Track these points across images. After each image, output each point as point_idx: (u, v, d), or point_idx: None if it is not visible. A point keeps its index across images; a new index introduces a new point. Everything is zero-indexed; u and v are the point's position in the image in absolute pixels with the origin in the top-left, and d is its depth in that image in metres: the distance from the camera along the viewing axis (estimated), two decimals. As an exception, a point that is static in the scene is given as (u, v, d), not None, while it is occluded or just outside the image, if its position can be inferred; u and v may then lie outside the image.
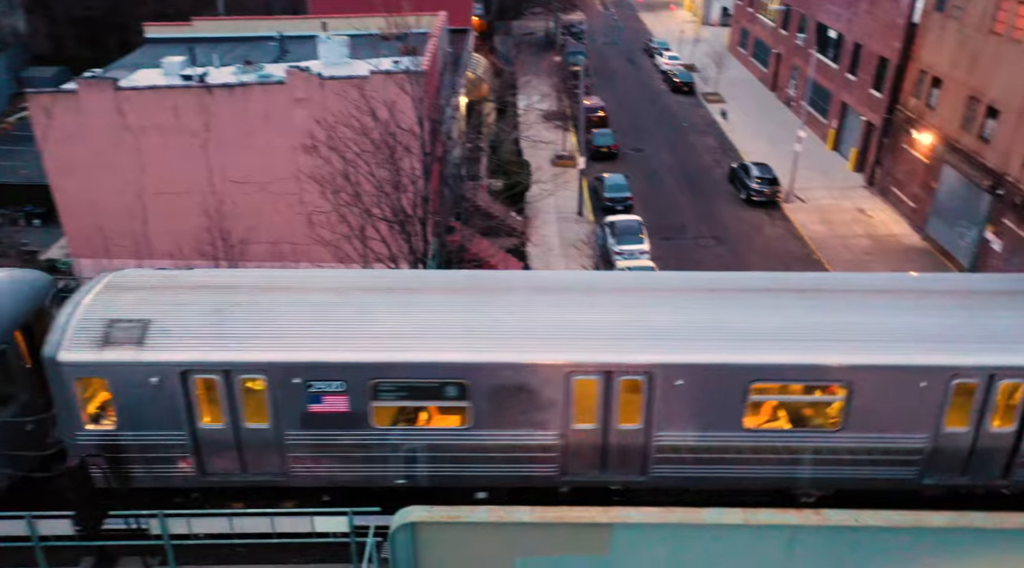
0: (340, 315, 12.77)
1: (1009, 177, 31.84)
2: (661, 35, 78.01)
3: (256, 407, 12.51)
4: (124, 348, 12.05)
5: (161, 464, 12.83)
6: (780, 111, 56.53)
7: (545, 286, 14.21)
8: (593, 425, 12.80)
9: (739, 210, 41.77)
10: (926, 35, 38.57)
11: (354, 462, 12.86)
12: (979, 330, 12.96)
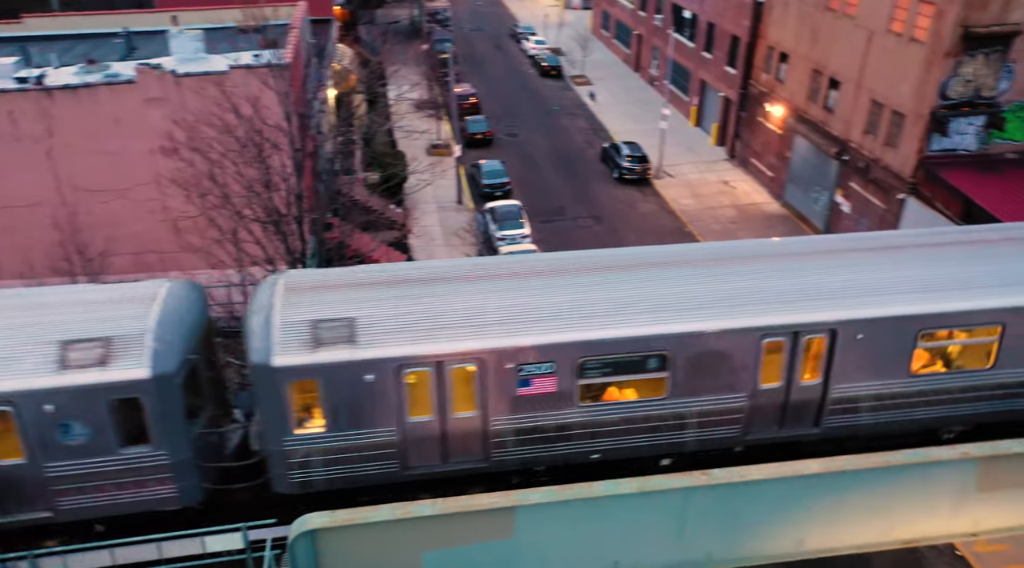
0: (541, 299, 12.78)
1: (852, 143, 34.38)
2: (526, 20, 78.78)
3: (464, 396, 12.56)
4: (337, 348, 11.83)
5: (366, 462, 12.65)
6: (645, 91, 58.48)
7: (724, 255, 14.49)
8: (777, 384, 13.51)
9: (613, 189, 43.01)
10: (771, 13, 40.90)
11: (556, 441, 13.07)
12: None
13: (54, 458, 11.54)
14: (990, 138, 29.73)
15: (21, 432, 11.38)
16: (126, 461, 11.75)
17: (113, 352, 11.47)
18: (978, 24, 27.58)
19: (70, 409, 11.31)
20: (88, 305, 12.41)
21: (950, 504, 13.26)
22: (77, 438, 11.56)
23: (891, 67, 31.32)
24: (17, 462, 11.53)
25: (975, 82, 28.68)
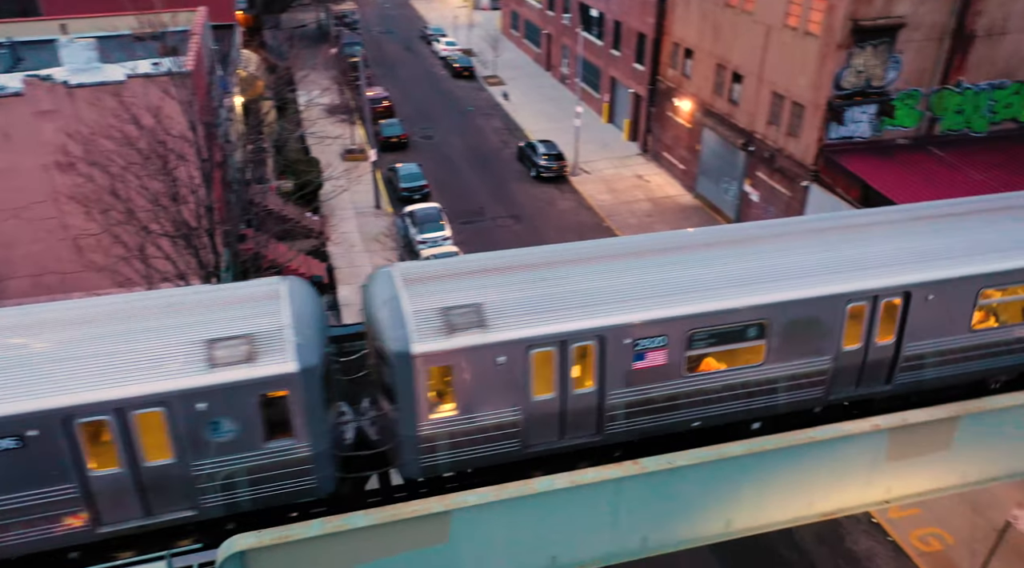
0: (653, 276, 13.53)
1: (757, 134, 35.70)
2: (436, 21, 78.48)
3: (584, 373, 13.18)
4: (470, 333, 12.26)
5: (491, 443, 13.06)
6: (557, 89, 59.14)
7: (807, 228, 15.47)
8: (857, 346, 14.39)
9: (531, 187, 43.33)
10: (674, 11, 42.03)
11: (663, 412, 13.80)
12: None
13: (202, 456, 11.66)
14: (882, 125, 31.39)
15: (171, 431, 11.45)
16: (270, 455, 11.99)
17: (259, 349, 11.69)
18: (866, 17, 29.08)
19: (220, 406, 11.47)
20: (217, 305, 12.38)
21: (864, 475, 13.94)
22: (225, 435, 11.66)
23: (789, 60, 32.67)
24: (166, 462, 11.59)
25: (866, 72, 30.22)
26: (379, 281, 13.22)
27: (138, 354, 11.38)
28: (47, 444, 10.87)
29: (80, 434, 11.05)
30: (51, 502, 11.21)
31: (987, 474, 15.00)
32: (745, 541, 14.32)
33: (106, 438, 11.28)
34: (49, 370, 11.05)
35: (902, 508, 22.90)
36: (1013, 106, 31.95)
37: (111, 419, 11.07)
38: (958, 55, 30.54)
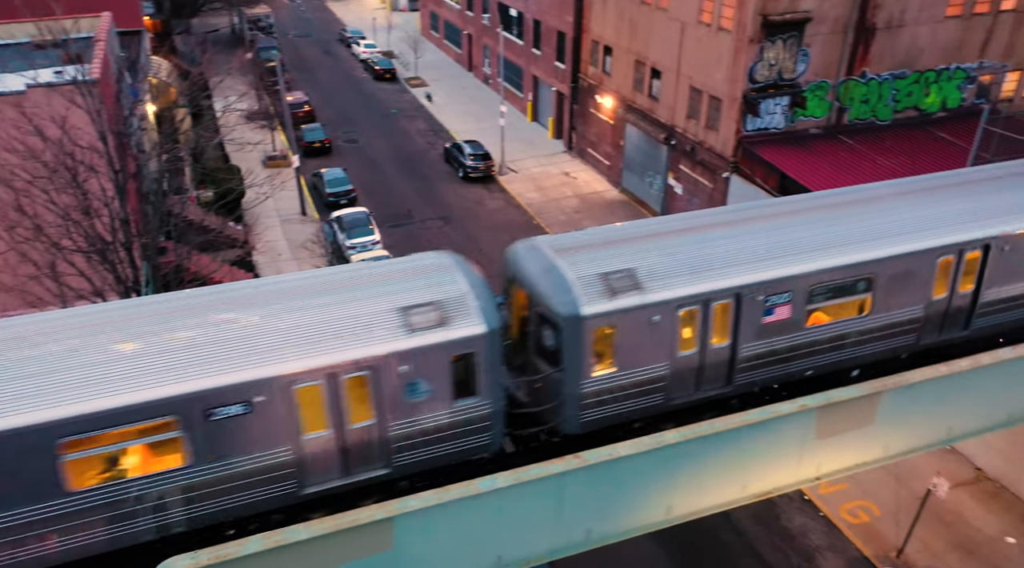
0: (780, 238, 14.79)
1: (678, 129, 36.52)
2: (354, 24, 77.40)
3: (722, 329, 14.29)
4: (629, 295, 13.36)
5: (640, 398, 14.11)
6: (480, 89, 59.16)
7: (899, 192, 16.79)
8: (944, 295, 15.96)
9: (459, 188, 43.22)
10: (592, 9, 42.60)
11: (782, 362, 15.00)
12: None
13: (399, 417, 12.41)
14: (795, 116, 32.57)
15: (373, 394, 12.17)
16: (456, 413, 12.78)
17: (448, 314, 12.51)
18: (774, 12, 30.11)
19: (418, 368, 12.26)
20: (397, 276, 13.12)
21: (795, 454, 14.43)
22: (420, 395, 12.43)
23: (704, 55, 33.53)
24: (367, 424, 12.32)
25: (777, 66, 31.30)
26: (529, 254, 14.16)
27: (343, 323, 12.11)
28: (271, 409, 11.53)
29: (296, 399, 11.65)
30: (270, 465, 11.85)
31: (908, 446, 15.74)
32: (686, 527, 14.62)
33: (317, 402, 11.92)
34: (266, 341, 11.69)
35: (832, 484, 23.80)
36: (913, 94, 33.63)
37: (324, 384, 11.74)
38: (861, 47, 31.94)
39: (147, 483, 11.21)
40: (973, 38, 33.29)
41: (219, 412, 11.19)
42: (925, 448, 16.08)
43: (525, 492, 12.21)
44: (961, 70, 33.75)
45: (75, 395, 10.53)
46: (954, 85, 33.96)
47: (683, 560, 21.61)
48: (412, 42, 62.21)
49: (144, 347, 11.22)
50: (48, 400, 10.46)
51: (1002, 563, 21.44)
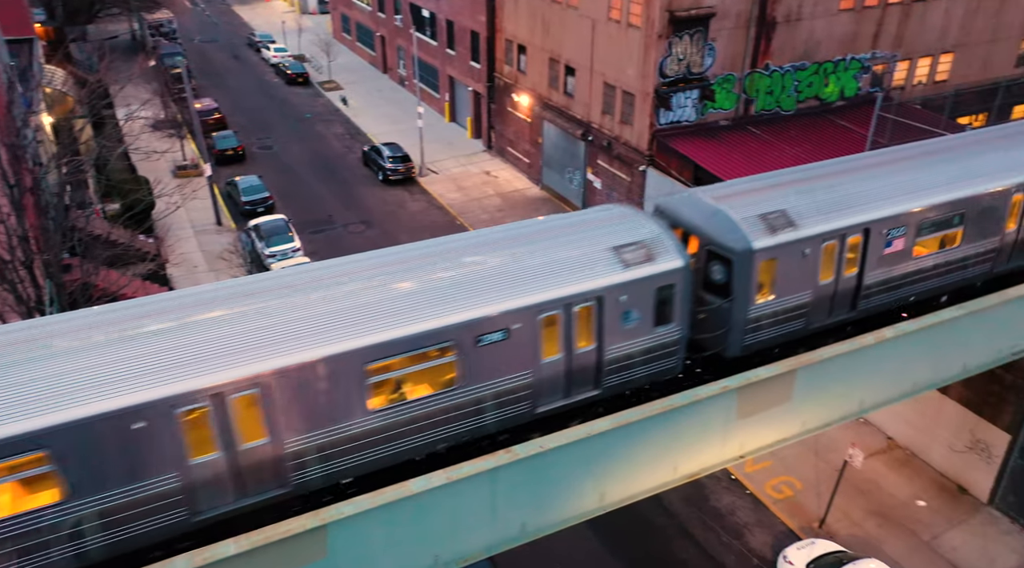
0: (893, 180, 16.90)
1: (594, 125, 37.12)
2: (262, 28, 75.56)
3: (853, 261, 16.30)
4: (785, 231, 15.19)
5: (787, 323, 15.92)
6: (397, 91, 58.66)
7: (976, 140, 18.92)
8: (1014, 228, 18.08)
9: (380, 191, 42.77)
10: (504, 8, 42.83)
11: (895, 290, 17.07)
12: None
13: (613, 341, 13.94)
14: (706, 109, 33.58)
15: (596, 322, 13.72)
16: (655, 339, 14.48)
17: (653, 251, 14.24)
18: (680, 8, 30.96)
19: (632, 299, 13.91)
20: (599, 222, 14.87)
21: (719, 434, 14.89)
22: (631, 323, 14.00)
23: (616, 51, 34.19)
24: (589, 349, 13.86)
25: (686, 60, 32.19)
26: (689, 202, 16.12)
27: (574, 261, 13.69)
28: (522, 336, 13.04)
29: (541, 327, 13.12)
30: (516, 386, 13.30)
31: (824, 420, 16.45)
32: (619, 512, 14.88)
33: (555, 330, 13.38)
34: (515, 278, 13.20)
35: (756, 461, 24.66)
36: (814, 85, 35.15)
37: (561, 313, 13.34)
38: (763, 41, 33.19)
39: (428, 401, 12.56)
40: (865, 30, 35.04)
41: (485, 339, 12.71)
42: (840, 421, 16.82)
43: (459, 490, 12.19)
44: (856, 60, 35.46)
45: (378, 326, 11.96)
46: (850, 75, 35.67)
47: (618, 545, 22.01)
48: (324, 45, 61.15)
49: (418, 286, 12.73)
50: (358, 330, 11.84)
51: (914, 525, 22.67)
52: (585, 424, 13.38)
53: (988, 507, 23.11)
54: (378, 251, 13.84)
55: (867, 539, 22.19)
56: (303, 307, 11.84)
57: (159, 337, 11.01)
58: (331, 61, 61.02)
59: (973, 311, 16.97)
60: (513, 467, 12.54)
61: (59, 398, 10.08)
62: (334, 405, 11.67)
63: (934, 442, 24.44)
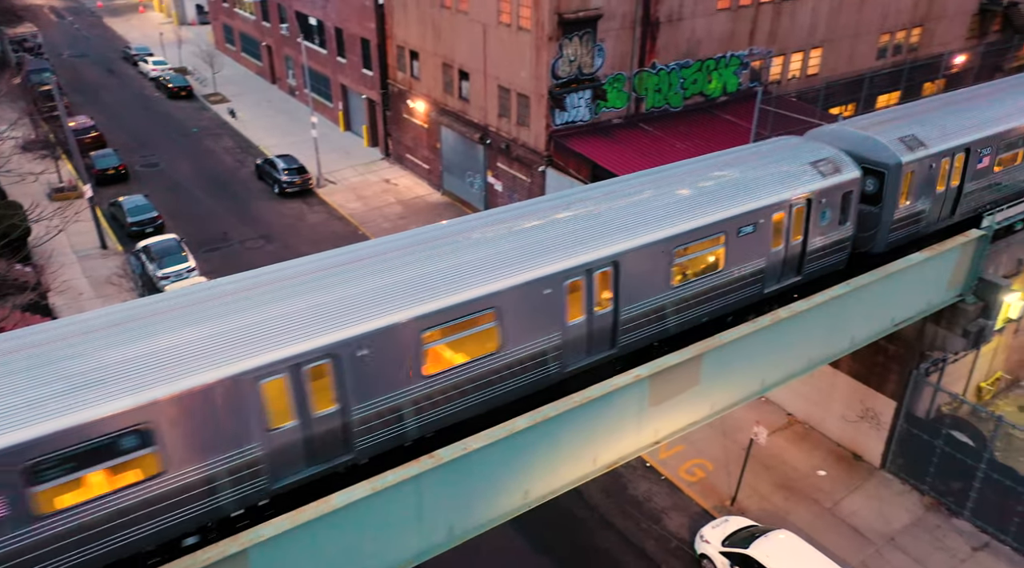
0: (982, 113, 21.30)
1: (492, 128, 37.39)
2: (139, 40, 72.13)
3: (957, 173, 20.43)
4: (919, 150, 19.12)
5: (913, 225, 19.92)
6: (287, 102, 57.25)
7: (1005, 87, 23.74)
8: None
9: (277, 204, 41.62)
10: (393, 15, 42.56)
11: (978, 198, 21.60)
12: None
13: (814, 236, 17.78)
14: (599, 108, 34.44)
15: (805, 221, 17.41)
16: (837, 235, 18.35)
17: (838, 165, 17.98)
18: (568, 10, 31.65)
19: (827, 201, 17.61)
20: (789, 146, 18.72)
21: (634, 422, 15.31)
22: (825, 221, 17.87)
23: (508, 55, 34.59)
24: (797, 241, 17.53)
25: (577, 61, 32.93)
26: (836, 133, 19.76)
27: (781, 174, 17.24)
28: (764, 229, 16.72)
29: (772, 222, 16.84)
30: (752, 272, 16.90)
31: (730, 401, 17.19)
32: (542, 509, 15.07)
33: (782, 225, 17.09)
34: (735, 189, 16.58)
35: (669, 447, 25.48)
36: (698, 82, 36.67)
37: (786, 213, 17.07)
38: (649, 40, 34.36)
39: (712, 276, 16.17)
40: (742, 28, 36.85)
41: (742, 230, 16.35)
42: (745, 400, 17.62)
43: (383, 500, 12.04)
44: (735, 57, 37.24)
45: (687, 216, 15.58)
46: (731, 71, 37.41)
47: (542, 541, 22.26)
48: (207, 57, 58.95)
49: (691, 191, 15.97)
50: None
51: (817, 494, 24.00)
52: (505, 423, 13.48)
53: (881, 471, 24.73)
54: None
55: (776, 512, 23.32)
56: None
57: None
58: (216, 73, 58.94)
59: (856, 288, 18.13)
60: (437, 472, 12.49)
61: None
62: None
63: (829, 415, 25.94)
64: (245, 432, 10.95)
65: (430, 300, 12.42)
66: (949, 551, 21.96)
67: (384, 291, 12.30)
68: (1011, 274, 23.21)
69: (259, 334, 11.10)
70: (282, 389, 11.19)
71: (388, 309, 12.09)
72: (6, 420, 9.35)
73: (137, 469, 10.22)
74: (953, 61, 45.13)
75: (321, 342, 11.37)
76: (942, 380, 23.75)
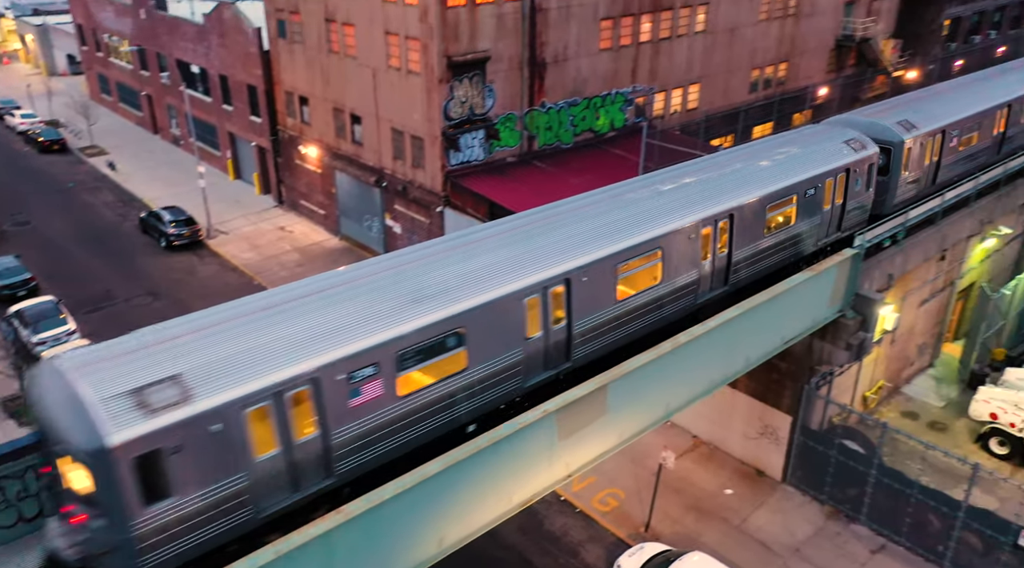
0: (957, 100, 27.68)
1: (387, 170, 37.27)
2: (3, 93, 68.17)
3: (937, 150, 25.87)
4: (914, 131, 24.63)
5: (911, 188, 25.37)
6: (172, 152, 55.27)
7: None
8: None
9: (164, 258, 39.83)
10: (280, 60, 42.04)
11: (960, 165, 27.42)
12: None
13: (851, 198, 22.27)
14: (493, 147, 34.96)
15: (844, 187, 21.74)
16: (863, 200, 22.83)
17: (863, 144, 22.56)
18: (456, 53, 32.16)
19: (858, 172, 22.12)
20: (822, 131, 23.32)
21: (545, 457, 15.32)
22: (857, 188, 22.21)
23: (400, 98, 34.71)
24: (839, 204, 21.98)
25: (468, 102, 33.40)
26: (849, 120, 24.65)
27: (825, 153, 21.39)
28: (818, 196, 20.98)
29: (826, 188, 21.22)
30: (809, 229, 21.27)
31: (638, 427, 17.49)
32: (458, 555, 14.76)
33: (829, 191, 21.49)
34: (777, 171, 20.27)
35: (581, 479, 25.61)
36: (587, 119, 37.89)
37: (832, 180, 21.36)
38: (537, 80, 35.31)
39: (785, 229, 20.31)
40: (624, 67, 38.46)
41: (809, 192, 20.48)
42: (651, 426, 17.98)
43: (291, 563, 11.48)
44: (620, 94, 38.75)
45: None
46: (617, 108, 38.88)
47: (464, 589, 21.75)
48: (81, 108, 56.29)
49: (752, 168, 19.81)
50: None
51: (725, 512, 24.64)
52: (414, 470, 13.18)
53: (783, 484, 25.68)
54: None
55: (688, 534, 23.75)
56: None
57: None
58: (91, 125, 56.33)
59: (747, 310, 18.94)
60: (347, 527, 12.05)
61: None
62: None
63: (732, 434, 26.82)
64: (515, 339, 14.45)
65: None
66: (850, 556, 22.93)
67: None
68: (883, 288, 24.87)
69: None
70: (537, 307, 14.74)
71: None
72: (379, 321, 12.50)
73: (453, 363, 13.55)
74: (817, 93, 48.56)
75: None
76: (831, 393, 25.02)
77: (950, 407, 29.21)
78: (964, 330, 32.30)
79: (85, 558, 10.90)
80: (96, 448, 9.83)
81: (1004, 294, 29.54)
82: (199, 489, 10.68)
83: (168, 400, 10.40)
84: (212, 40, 46.55)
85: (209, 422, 10.62)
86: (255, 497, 11.32)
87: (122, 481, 10.01)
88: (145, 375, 10.53)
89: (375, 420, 12.58)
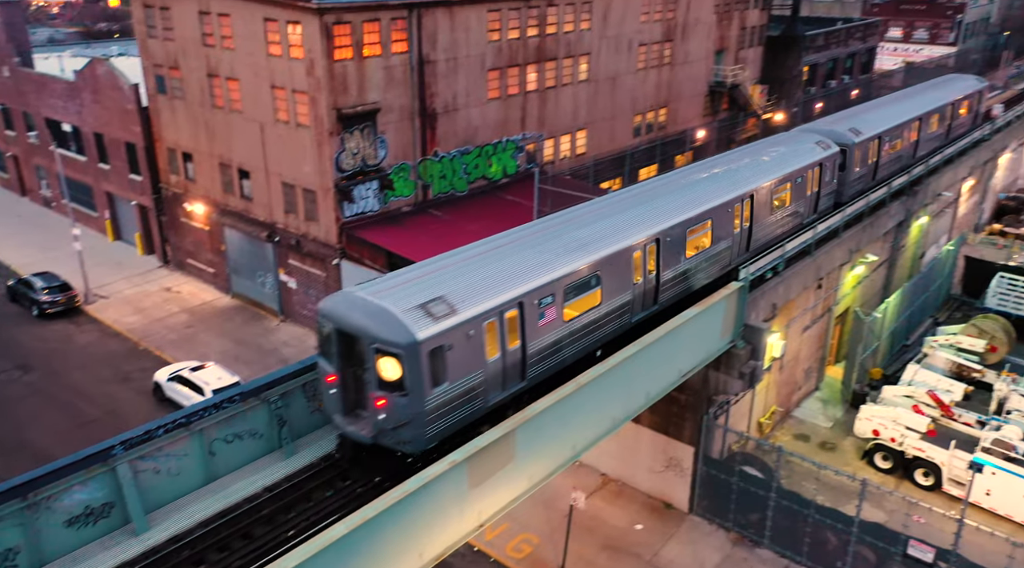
0: (915, 100, 37.29)
1: (279, 225, 36.42)
2: None
3: (873, 156, 32.15)
4: (860, 136, 30.88)
5: (856, 186, 31.45)
6: (43, 215, 52.11)
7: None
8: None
9: (36, 328, 37.18)
10: (160, 116, 40.69)
11: (904, 153, 35.08)
12: None
13: (824, 190, 28.56)
14: (387, 197, 34.86)
15: (818, 178, 27.91)
16: (832, 187, 29.12)
17: (828, 144, 28.54)
18: (346, 105, 32.11)
19: (827, 166, 28.14)
20: (794, 137, 29.17)
21: (456, 508, 15.05)
22: (826, 177, 28.46)
23: (289, 151, 34.20)
24: (814, 193, 28.15)
25: (360, 153, 33.29)
26: (817, 128, 30.29)
27: (806, 149, 27.48)
28: (802, 185, 26.76)
29: (808, 178, 27.18)
30: (794, 212, 27.13)
31: (547, 470, 17.50)
32: (372, 618, 14.19)
33: (808, 182, 27.40)
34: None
35: (494, 527, 25.28)
36: (480, 166, 38.47)
37: (810, 171, 27.24)
38: (429, 130, 35.67)
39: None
40: (513, 115, 39.46)
41: (798, 179, 26.49)
42: (560, 468, 18.02)
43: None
44: (511, 142, 39.63)
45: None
46: (508, 154, 39.71)
47: (379, 655, 20.85)
48: (-61, 170, 52.41)
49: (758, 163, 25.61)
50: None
51: (638, 548, 24.87)
52: (320, 535, 12.66)
53: (690, 515, 26.21)
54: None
55: (604, 573, 23.77)
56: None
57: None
58: (-49, 188, 52.43)
59: (643, 347, 19.45)
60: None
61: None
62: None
63: (638, 469, 27.25)
64: (628, 283, 19.32)
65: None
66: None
67: None
68: (769, 317, 26.20)
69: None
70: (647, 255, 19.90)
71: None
72: (554, 263, 17.30)
73: (593, 299, 18.29)
74: (696, 136, 51.31)
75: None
76: (729, 421, 25.92)
77: (837, 427, 30.81)
78: (843, 353, 34.35)
79: (378, 435, 14.87)
80: (409, 342, 14.06)
81: (876, 317, 31.68)
82: (459, 378, 15.00)
83: (443, 311, 14.71)
84: (85, 97, 44.57)
85: (468, 328, 15.01)
86: (486, 390, 15.82)
87: (422, 367, 14.18)
88: (422, 296, 14.90)
89: (551, 337, 17.18)
